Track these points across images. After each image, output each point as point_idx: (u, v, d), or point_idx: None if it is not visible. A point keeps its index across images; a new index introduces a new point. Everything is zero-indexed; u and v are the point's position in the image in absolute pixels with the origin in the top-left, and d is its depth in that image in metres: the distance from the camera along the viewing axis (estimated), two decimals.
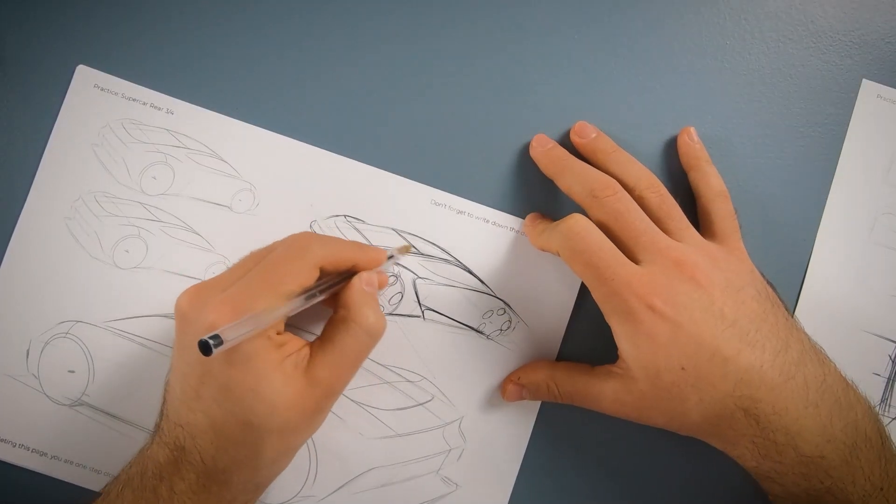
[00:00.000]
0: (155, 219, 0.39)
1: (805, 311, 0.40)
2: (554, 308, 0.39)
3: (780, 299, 0.35)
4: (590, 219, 0.35)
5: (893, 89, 0.41)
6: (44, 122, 0.39)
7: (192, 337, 0.30)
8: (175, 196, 0.39)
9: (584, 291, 0.39)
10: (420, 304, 0.39)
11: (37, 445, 0.38)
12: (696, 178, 0.38)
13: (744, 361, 0.32)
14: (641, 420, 0.35)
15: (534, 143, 0.39)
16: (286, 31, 0.40)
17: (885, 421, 0.39)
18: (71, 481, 0.38)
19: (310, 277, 0.32)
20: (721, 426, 0.33)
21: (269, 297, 0.30)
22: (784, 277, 0.40)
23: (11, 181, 0.39)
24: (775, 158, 0.41)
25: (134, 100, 0.39)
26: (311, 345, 0.33)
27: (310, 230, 0.39)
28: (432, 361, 0.39)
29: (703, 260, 0.34)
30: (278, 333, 0.32)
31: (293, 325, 0.38)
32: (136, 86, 0.39)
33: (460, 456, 0.39)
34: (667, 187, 0.37)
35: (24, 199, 0.39)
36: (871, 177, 0.41)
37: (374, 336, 0.33)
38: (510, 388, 0.38)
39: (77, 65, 0.39)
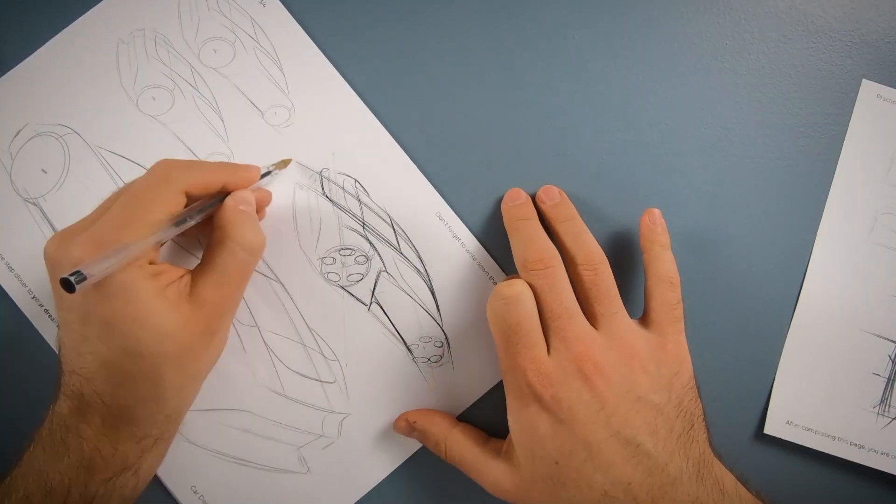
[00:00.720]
0: (194, 85, 0.40)
1: (805, 311, 0.40)
2: (486, 369, 0.39)
3: (700, 402, 0.35)
4: None
5: (893, 89, 0.41)
6: None
7: None
8: (223, 77, 0.40)
9: None
10: (373, 294, 0.39)
11: None
12: (647, 260, 0.37)
13: (614, 475, 0.32)
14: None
15: (505, 197, 0.39)
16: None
17: (885, 421, 0.39)
18: None
19: (175, 204, 0.32)
20: None
21: (134, 227, 0.30)
22: (784, 277, 0.40)
23: None
24: (775, 158, 0.41)
25: None
26: (193, 271, 0.33)
27: (317, 175, 0.39)
28: (353, 351, 0.39)
29: (611, 358, 0.33)
30: (152, 263, 0.32)
31: (187, 250, 0.39)
32: None
33: (327, 447, 0.39)
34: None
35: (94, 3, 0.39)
36: (871, 177, 0.41)
37: (253, 253, 0.33)
38: (402, 424, 0.38)
39: None
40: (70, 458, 0.31)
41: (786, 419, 0.39)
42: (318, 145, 0.39)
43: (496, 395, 0.39)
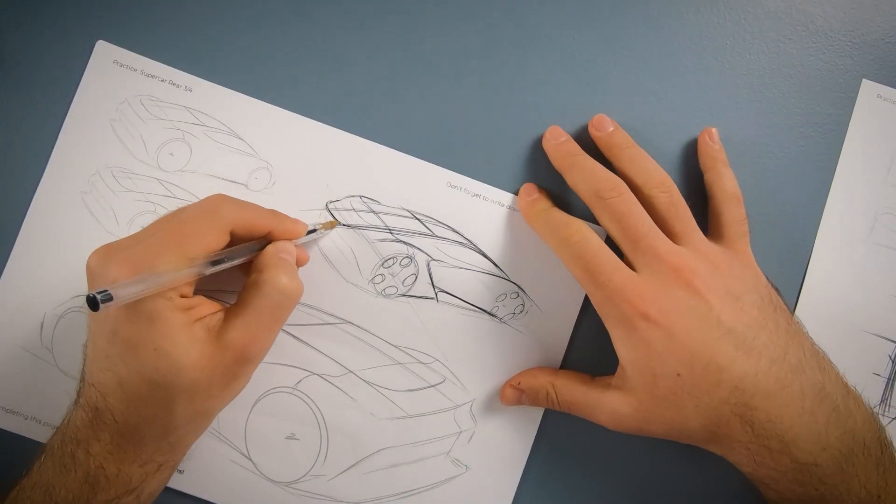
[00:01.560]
0: (171, 195, 0.39)
1: (805, 311, 0.40)
2: (566, 293, 0.39)
3: (785, 304, 0.35)
4: (595, 217, 0.36)
5: (893, 89, 0.41)
6: (62, 97, 0.39)
7: None
8: (192, 173, 0.39)
9: None
10: (434, 285, 0.39)
11: (48, 419, 0.38)
12: (710, 179, 0.38)
13: (738, 369, 0.32)
14: (641, 432, 0.35)
15: (546, 135, 0.39)
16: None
17: (885, 421, 0.39)
18: None
19: (218, 241, 0.32)
20: (718, 433, 0.33)
21: (172, 257, 0.30)
22: (784, 277, 0.40)
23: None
24: (775, 158, 0.41)
25: (153, 76, 0.39)
26: (226, 310, 0.33)
27: (325, 212, 0.39)
28: (445, 344, 0.39)
29: (703, 266, 0.34)
30: (185, 296, 0.32)
31: (220, 289, 0.38)
32: (156, 62, 0.39)
33: (471, 438, 0.39)
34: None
35: (42, 173, 0.39)
36: (871, 177, 0.41)
37: (289, 297, 0.33)
38: (509, 391, 0.38)
39: (97, 40, 0.39)
40: (76, 473, 0.31)
41: None
42: (310, 186, 0.39)
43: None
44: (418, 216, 0.40)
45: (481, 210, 0.40)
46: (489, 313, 0.39)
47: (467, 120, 0.40)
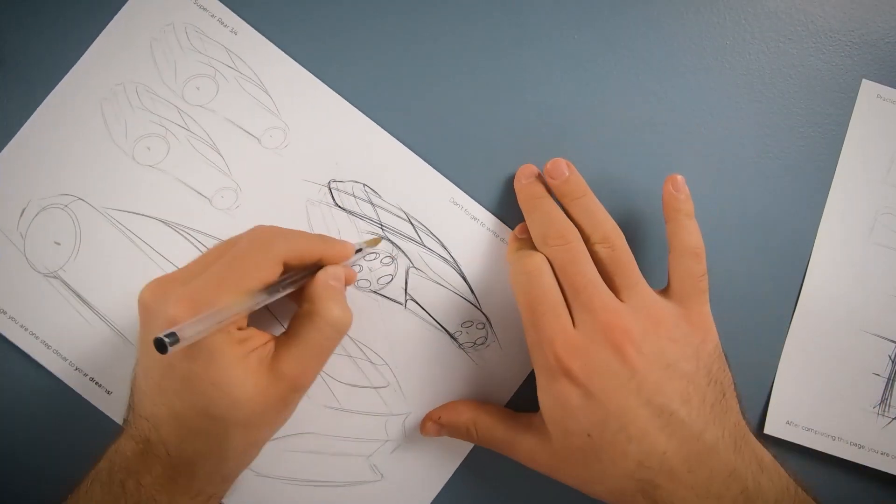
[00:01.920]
0: (185, 126, 0.39)
1: (805, 311, 0.40)
2: None
3: (730, 371, 0.35)
4: None
5: (893, 89, 0.41)
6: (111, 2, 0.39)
7: (154, 331, 0.30)
8: (211, 112, 0.39)
9: None
10: (406, 292, 0.39)
11: (3, 306, 0.38)
12: (671, 230, 0.36)
13: (647, 445, 0.32)
14: (554, 476, 0.35)
15: (517, 174, 0.39)
16: None
17: (885, 421, 0.39)
18: (25, 349, 0.38)
19: (273, 273, 0.32)
20: (623, 502, 0.33)
21: (231, 293, 0.30)
22: (784, 277, 0.40)
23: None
24: (775, 158, 0.41)
25: (204, 9, 0.40)
26: (277, 339, 0.33)
27: (325, 188, 0.39)
28: (400, 351, 0.39)
29: (638, 326, 0.33)
30: (240, 329, 0.32)
31: (269, 310, 0.38)
32: None
33: (394, 450, 0.39)
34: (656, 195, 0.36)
35: (70, 68, 0.39)
36: (871, 177, 0.41)
37: (339, 330, 0.33)
38: (429, 425, 0.38)
39: None
40: (126, 502, 0.31)
41: (786, 419, 0.39)
42: (319, 159, 0.39)
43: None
44: (413, 221, 0.40)
45: (474, 234, 0.40)
46: (451, 335, 0.39)
47: (476, 124, 0.40)
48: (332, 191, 0.39)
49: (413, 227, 0.39)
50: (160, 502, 0.31)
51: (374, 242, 0.39)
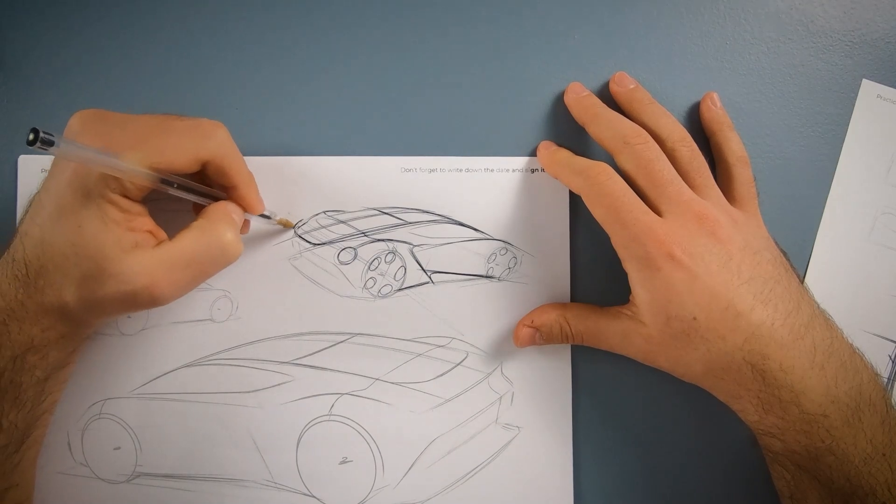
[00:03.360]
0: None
1: None
2: (551, 233, 0.40)
3: (793, 267, 0.36)
4: (618, 165, 0.36)
5: (893, 89, 0.41)
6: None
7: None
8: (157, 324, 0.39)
9: (576, 208, 0.40)
10: (424, 270, 0.39)
11: None
12: (717, 142, 0.39)
13: (756, 317, 0.33)
14: (647, 361, 0.36)
15: (568, 90, 0.39)
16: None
17: None
18: None
19: (189, 167, 0.33)
20: (726, 379, 0.34)
21: (139, 156, 0.31)
22: None
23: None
24: (775, 158, 0.41)
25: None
26: (162, 242, 0.33)
27: (296, 239, 0.39)
28: (455, 320, 0.39)
29: (725, 218, 0.35)
30: (128, 198, 0.32)
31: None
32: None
33: (512, 399, 0.39)
34: None
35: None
36: (871, 177, 0.41)
37: (226, 254, 0.33)
38: (523, 331, 0.38)
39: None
40: None
41: None
42: (271, 229, 0.39)
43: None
44: (386, 210, 0.40)
45: (442, 183, 0.40)
46: (486, 276, 0.40)
47: (476, 124, 0.40)
48: (302, 236, 0.39)
49: (389, 216, 0.40)
50: (11, 328, 0.32)
51: (287, 224, 0.39)
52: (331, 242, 0.39)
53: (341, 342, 0.39)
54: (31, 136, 0.25)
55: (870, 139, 0.41)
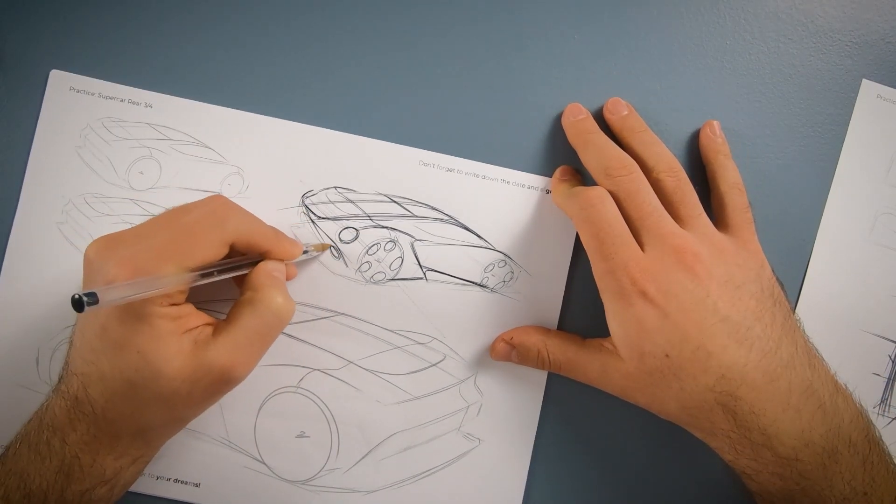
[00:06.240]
0: (147, 213, 0.39)
1: (805, 311, 0.40)
2: (553, 254, 0.40)
3: (787, 299, 0.35)
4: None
5: (893, 89, 0.41)
6: (24, 131, 0.39)
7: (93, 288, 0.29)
8: (164, 188, 0.39)
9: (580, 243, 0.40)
10: (421, 265, 0.39)
11: None
12: (713, 169, 0.39)
13: (728, 358, 0.32)
14: (624, 397, 0.36)
15: (566, 112, 0.39)
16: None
17: (885, 421, 0.39)
18: None
19: (218, 253, 0.32)
20: (699, 417, 0.33)
21: (172, 265, 0.30)
22: (784, 277, 0.40)
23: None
24: (775, 158, 0.41)
25: (111, 98, 0.39)
26: (217, 324, 0.33)
27: (302, 207, 0.39)
28: (440, 321, 0.39)
29: (707, 251, 0.34)
30: (176, 304, 0.32)
31: (212, 299, 0.38)
32: (112, 83, 0.39)
33: (479, 411, 0.39)
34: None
35: (14, 210, 0.38)
36: (871, 177, 0.41)
37: (281, 318, 0.33)
38: (500, 346, 0.38)
39: (50, 70, 0.39)
40: (51, 461, 0.31)
41: None
42: (283, 183, 0.39)
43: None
44: (395, 199, 0.40)
45: (456, 184, 0.40)
46: (480, 285, 0.40)
47: (476, 125, 0.40)
48: (309, 206, 0.39)
49: (398, 205, 0.39)
50: (84, 461, 0.32)
51: (322, 247, 0.39)
52: (335, 219, 0.39)
53: (324, 318, 0.39)
54: (76, 306, 0.26)
55: (870, 139, 0.41)
